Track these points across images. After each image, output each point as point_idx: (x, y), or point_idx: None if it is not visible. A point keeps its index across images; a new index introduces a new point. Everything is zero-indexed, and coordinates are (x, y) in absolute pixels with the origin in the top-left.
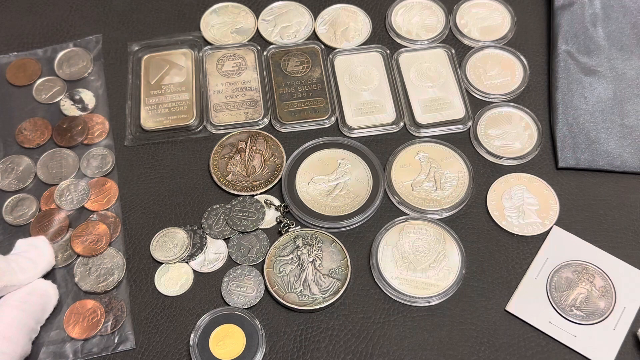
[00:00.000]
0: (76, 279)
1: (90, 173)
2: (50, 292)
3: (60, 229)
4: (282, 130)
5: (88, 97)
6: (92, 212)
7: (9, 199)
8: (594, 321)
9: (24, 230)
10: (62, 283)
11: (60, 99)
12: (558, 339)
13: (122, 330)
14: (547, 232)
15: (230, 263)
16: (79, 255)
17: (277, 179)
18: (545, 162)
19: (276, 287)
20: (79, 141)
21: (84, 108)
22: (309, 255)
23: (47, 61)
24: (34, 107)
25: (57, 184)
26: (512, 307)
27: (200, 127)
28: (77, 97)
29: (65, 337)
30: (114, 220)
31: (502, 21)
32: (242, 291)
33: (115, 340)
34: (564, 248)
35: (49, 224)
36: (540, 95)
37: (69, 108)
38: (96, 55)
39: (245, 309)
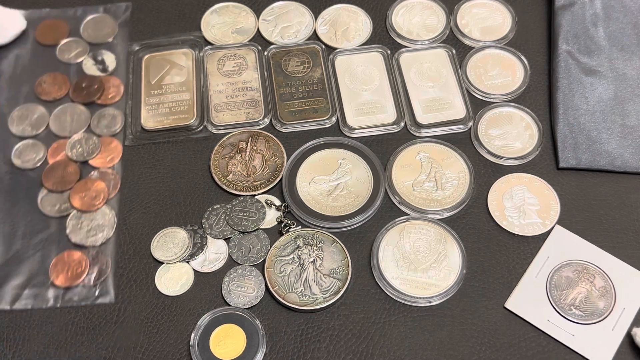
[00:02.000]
0: (67, 231)
1: (98, 131)
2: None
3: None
4: (282, 130)
5: (110, 59)
6: (95, 168)
7: (20, 143)
8: (593, 321)
9: (29, 174)
10: (54, 232)
11: (83, 59)
12: (556, 338)
13: (104, 284)
14: (548, 232)
15: (230, 263)
16: (74, 209)
17: (278, 179)
18: (546, 162)
19: (277, 287)
20: (93, 99)
21: (104, 69)
22: (309, 255)
23: (75, 21)
24: (56, 65)
25: (67, 137)
26: (511, 304)
27: (201, 127)
28: (100, 58)
29: (48, 283)
30: (114, 178)
31: (502, 21)
32: (243, 291)
33: (96, 293)
34: (565, 247)
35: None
36: (541, 96)
37: (90, 68)
38: (122, 22)
39: (246, 308)
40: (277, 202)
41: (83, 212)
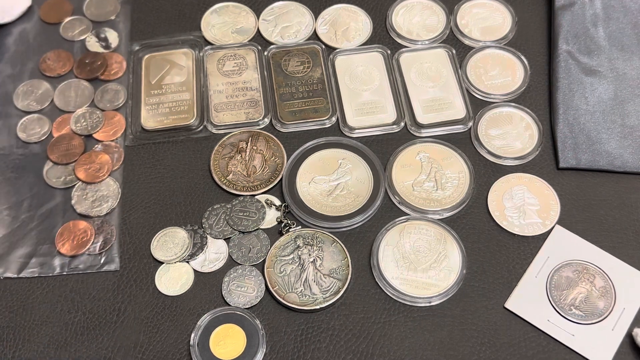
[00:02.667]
0: (73, 202)
1: (102, 106)
2: None
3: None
4: (282, 130)
5: (113, 36)
6: (99, 141)
7: (25, 118)
8: (593, 321)
9: (35, 147)
10: (60, 203)
11: (87, 36)
12: (556, 338)
13: (109, 252)
14: (548, 232)
15: (230, 263)
16: (79, 181)
17: (278, 178)
18: (546, 162)
19: (277, 287)
20: (97, 75)
21: (107, 46)
22: (309, 255)
23: (78, 0)
24: (60, 43)
25: (71, 112)
26: (511, 304)
27: (201, 127)
28: (103, 36)
29: (54, 252)
30: (117, 151)
31: (502, 21)
32: (243, 291)
33: (102, 261)
34: (565, 247)
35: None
36: (541, 96)
37: (93, 45)
38: (124, 0)
39: (246, 308)
40: (277, 202)
41: (88, 184)
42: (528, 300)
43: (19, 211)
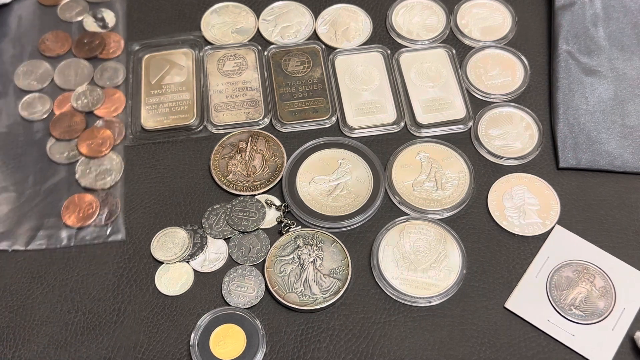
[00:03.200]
0: (77, 176)
1: (101, 83)
2: None
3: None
4: (282, 130)
5: (110, 16)
6: (99, 117)
7: (26, 97)
8: (593, 321)
9: (37, 125)
10: (64, 178)
11: (84, 17)
12: (556, 338)
13: (115, 223)
14: (548, 232)
15: (230, 263)
16: (82, 156)
17: (278, 178)
18: (546, 162)
19: (277, 287)
20: (95, 54)
21: (104, 26)
22: (309, 255)
23: None
24: (57, 24)
25: (71, 90)
26: (511, 304)
27: (201, 127)
28: (100, 16)
29: (61, 224)
30: (119, 126)
31: (502, 21)
32: (243, 291)
33: (108, 232)
34: (565, 247)
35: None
36: (541, 96)
37: (91, 25)
38: None
39: (246, 308)
40: (277, 202)
41: (91, 158)
42: (528, 300)
43: (25, 186)
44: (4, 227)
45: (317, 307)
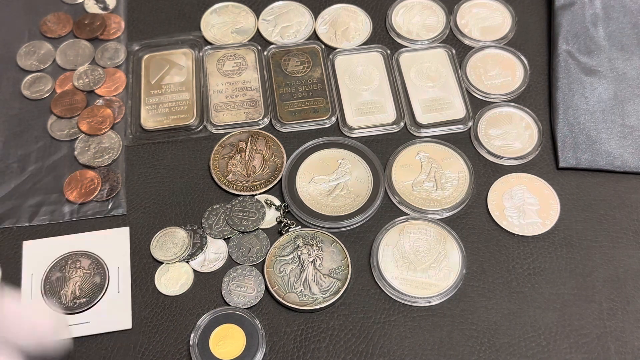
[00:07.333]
0: (75, 153)
1: (102, 63)
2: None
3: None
4: (282, 130)
5: None
6: (100, 96)
7: (29, 76)
8: (97, 300)
9: (39, 104)
10: (66, 155)
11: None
12: (79, 335)
13: (116, 198)
14: (548, 232)
15: (230, 263)
16: (83, 133)
17: (278, 178)
18: (546, 162)
19: (276, 287)
20: (96, 35)
21: (105, 8)
22: (309, 255)
23: None
24: (58, 6)
25: (73, 69)
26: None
27: (201, 127)
28: None
29: (63, 200)
30: (119, 105)
31: (502, 21)
32: (243, 291)
33: (109, 207)
34: (39, 255)
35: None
36: (541, 95)
37: (91, 7)
38: None
39: (246, 308)
40: (277, 202)
41: (90, 136)
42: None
43: (27, 163)
44: (9, 205)
45: (317, 307)
